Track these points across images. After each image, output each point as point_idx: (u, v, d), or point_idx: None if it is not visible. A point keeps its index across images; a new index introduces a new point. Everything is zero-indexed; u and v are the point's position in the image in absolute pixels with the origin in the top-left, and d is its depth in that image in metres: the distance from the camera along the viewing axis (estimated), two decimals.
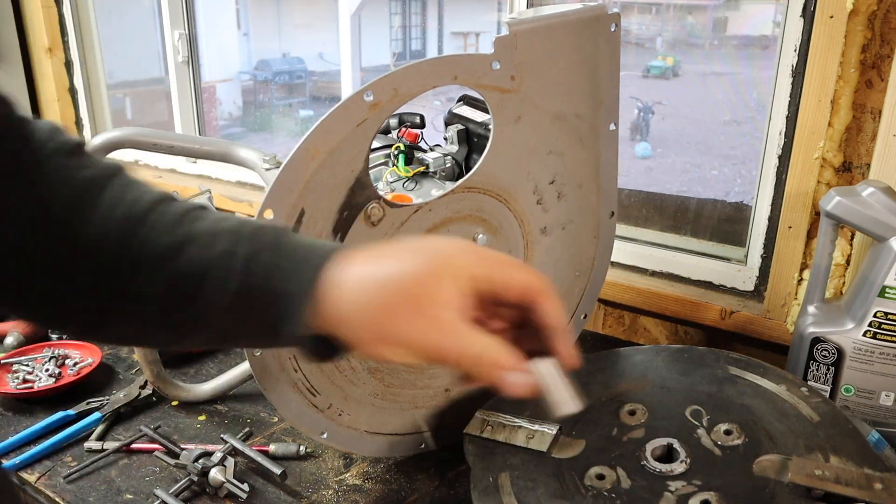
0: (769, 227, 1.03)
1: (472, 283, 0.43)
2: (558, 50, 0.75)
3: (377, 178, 0.91)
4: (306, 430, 0.76)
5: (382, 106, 0.66)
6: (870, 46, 0.87)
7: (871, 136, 0.89)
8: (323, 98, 7.96)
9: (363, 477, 0.81)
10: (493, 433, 0.72)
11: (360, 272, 0.44)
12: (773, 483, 0.61)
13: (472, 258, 0.44)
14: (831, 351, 0.85)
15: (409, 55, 9.50)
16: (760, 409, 0.70)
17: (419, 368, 0.81)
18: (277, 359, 0.71)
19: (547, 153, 0.80)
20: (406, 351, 0.43)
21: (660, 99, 6.92)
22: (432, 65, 0.68)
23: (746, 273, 1.07)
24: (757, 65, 6.42)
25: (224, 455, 0.80)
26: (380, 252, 0.45)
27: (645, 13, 5.91)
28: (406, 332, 0.42)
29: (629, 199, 1.23)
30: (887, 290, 0.80)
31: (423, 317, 0.42)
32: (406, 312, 0.42)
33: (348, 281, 0.44)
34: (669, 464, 0.64)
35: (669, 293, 1.09)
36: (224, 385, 0.95)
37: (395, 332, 0.42)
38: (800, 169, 0.93)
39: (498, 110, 0.74)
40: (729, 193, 4.80)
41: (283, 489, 0.78)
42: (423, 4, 10.34)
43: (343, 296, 0.43)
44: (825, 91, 0.88)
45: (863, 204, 0.80)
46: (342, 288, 0.43)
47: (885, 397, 0.84)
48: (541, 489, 0.64)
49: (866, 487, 0.58)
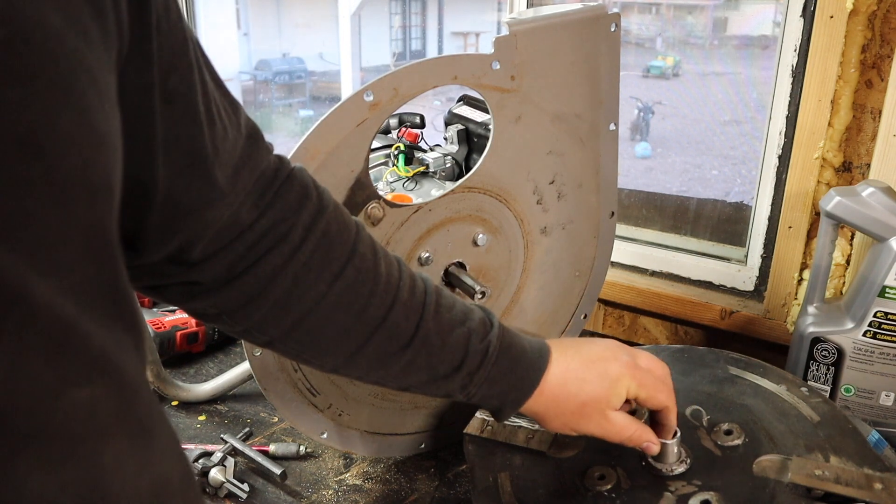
0: (769, 227, 1.03)
1: (631, 394, 0.62)
2: (558, 50, 0.75)
3: (377, 178, 0.91)
4: (306, 430, 0.76)
5: (382, 106, 0.66)
6: (870, 46, 0.87)
7: (871, 136, 0.89)
8: (323, 98, 7.97)
9: (363, 477, 0.81)
10: (493, 433, 0.72)
11: (561, 384, 0.60)
12: (773, 483, 0.61)
13: (636, 382, 0.61)
14: (831, 351, 0.85)
15: (409, 55, 9.50)
16: (760, 409, 0.70)
17: None
18: (277, 359, 0.71)
19: (547, 153, 0.80)
20: (580, 433, 0.62)
21: (660, 99, 6.92)
22: (432, 65, 0.68)
23: (746, 273, 1.07)
24: (757, 65, 6.43)
25: (224, 455, 0.81)
26: (575, 369, 0.61)
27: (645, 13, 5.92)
28: (588, 428, 0.61)
29: (629, 199, 1.23)
30: (887, 290, 0.80)
31: (601, 419, 0.61)
32: (591, 418, 0.61)
33: (553, 387, 0.60)
34: (669, 464, 0.64)
35: (669, 293, 1.09)
36: (224, 385, 0.95)
37: (579, 427, 0.61)
38: (800, 169, 0.93)
39: (498, 110, 0.74)
40: (729, 193, 4.80)
41: (283, 489, 0.78)
42: (423, 4, 10.34)
43: (545, 398, 0.60)
44: (825, 91, 0.88)
45: (863, 204, 0.80)
46: (545, 393, 0.60)
47: (885, 397, 0.84)
48: (541, 489, 0.64)
49: (866, 487, 0.58)
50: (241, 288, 0.51)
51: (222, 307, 0.52)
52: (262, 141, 0.52)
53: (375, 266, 0.55)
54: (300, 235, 0.52)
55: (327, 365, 0.57)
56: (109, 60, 0.34)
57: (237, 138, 0.48)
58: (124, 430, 0.35)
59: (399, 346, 0.56)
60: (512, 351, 0.60)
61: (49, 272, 0.30)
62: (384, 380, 0.59)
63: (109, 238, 0.34)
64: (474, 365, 0.58)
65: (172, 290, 0.52)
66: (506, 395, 0.60)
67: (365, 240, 0.56)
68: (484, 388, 0.59)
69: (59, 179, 0.30)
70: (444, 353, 0.57)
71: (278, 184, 0.52)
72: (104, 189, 0.33)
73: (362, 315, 0.54)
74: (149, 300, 1.22)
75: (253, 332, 0.54)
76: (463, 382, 0.58)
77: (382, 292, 0.55)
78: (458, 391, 0.59)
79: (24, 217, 0.29)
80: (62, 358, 0.31)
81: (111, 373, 0.34)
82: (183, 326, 1.03)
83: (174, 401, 0.95)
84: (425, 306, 0.57)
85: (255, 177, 0.50)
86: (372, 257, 0.56)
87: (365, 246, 0.56)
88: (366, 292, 0.54)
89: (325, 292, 0.53)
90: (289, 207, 0.52)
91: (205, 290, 0.51)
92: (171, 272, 0.49)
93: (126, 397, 0.35)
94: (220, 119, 0.46)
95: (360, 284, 0.54)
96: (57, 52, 0.30)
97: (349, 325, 0.54)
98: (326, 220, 0.53)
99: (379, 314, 0.55)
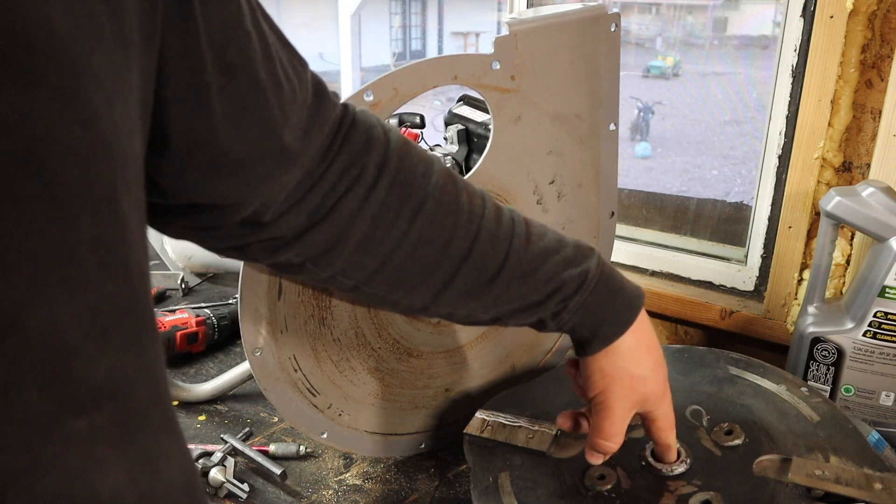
0: (769, 227, 1.03)
1: (653, 416, 0.62)
2: (558, 50, 0.75)
3: None
4: (306, 430, 0.76)
5: (382, 106, 0.66)
6: (870, 46, 0.87)
7: (871, 136, 0.89)
8: None
9: (363, 477, 0.81)
10: (493, 433, 0.72)
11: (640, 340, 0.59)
12: (773, 483, 0.61)
13: (666, 409, 0.62)
14: (831, 351, 0.85)
15: (409, 55, 9.50)
16: (760, 409, 0.70)
17: (419, 368, 0.81)
18: (277, 359, 0.71)
19: (547, 153, 0.80)
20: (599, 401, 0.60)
21: (660, 99, 6.93)
22: (432, 65, 0.68)
23: (746, 273, 1.07)
24: (757, 65, 6.43)
25: (224, 455, 0.81)
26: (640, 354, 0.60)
27: (645, 13, 5.91)
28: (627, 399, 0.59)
29: (629, 199, 1.23)
30: (887, 290, 0.80)
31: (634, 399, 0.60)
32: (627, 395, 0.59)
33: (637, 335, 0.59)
34: (669, 464, 0.64)
35: (669, 293, 1.09)
36: (224, 385, 0.95)
37: (608, 392, 0.59)
38: (800, 169, 0.93)
39: (498, 110, 0.74)
40: (729, 193, 4.80)
41: (283, 489, 0.78)
42: (423, 4, 10.34)
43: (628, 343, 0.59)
44: (825, 91, 0.88)
45: (863, 204, 0.80)
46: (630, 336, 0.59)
47: (885, 397, 0.84)
48: (541, 489, 0.64)
49: (866, 487, 0.58)
50: (320, 235, 0.51)
51: (305, 255, 0.53)
52: (328, 95, 0.51)
53: (456, 198, 0.54)
54: (373, 175, 0.51)
55: (417, 304, 0.57)
56: (128, 57, 0.33)
57: (305, 98, 0.48)
58: (125, 462, 0.32)
59: (488, 276, 0.55)
60: (612, 282, 0.58)
61: (52, 296, 0.28)
62: (475, 312, 0.58)
63: (123, 252, 0.33)
64: (570, 291, 0.56)
65: (255, 247, 0.52)
66: (599, 327, 0.58)
67: (442, 172, 0.55)
68: (577, 316, 0.58)
69: (60, 195, 0.29)
70: (536, 282, 0.56)
71: (344, 131, 0.51)
72: (107, 201, 0.31)
73: (447, 249, 0.53)
74: None
75: (338, 278, 0.54)
76: (557, 309, 0.57)
77: (466, 223, 0.54)
78: (550, 319, 0.58)
79: (22, 238, 0.27)
80: (59, 388, 0.29)
81: (118, 399, 0.32)
82: (183, 326, 1.03)
83: (174, 401, 0.95)
84: (514, 235, 0.55)
85: (324, 133, 0.50)
86: (452, 188, 0.54)
87: (443, 177, 0.54)
88: (449, 225, 0.53)
89: (406, 230, 0.52)
90: (357, 150, 0.51)
91: (286, 242, 0.51)
92: (250, 232, 0.50)
93: (131, 425, 0.33)
94: (288, 81, 0.46)
95: (441, 217, 0.53)
96: (60, 58, 0.29)
97: (435, 260, 0.54)
98: (398, 156, 0.53)
99: (464, 245, 0.54)
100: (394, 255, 0.53)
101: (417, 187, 0.53)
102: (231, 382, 0.95)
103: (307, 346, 0.73)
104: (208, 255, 1.26)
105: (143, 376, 0.34)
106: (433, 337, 0.81)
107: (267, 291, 0.69)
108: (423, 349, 0.81)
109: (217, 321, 1.07)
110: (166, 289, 1.28)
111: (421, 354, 0.81)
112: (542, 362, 0.93)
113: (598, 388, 0.59)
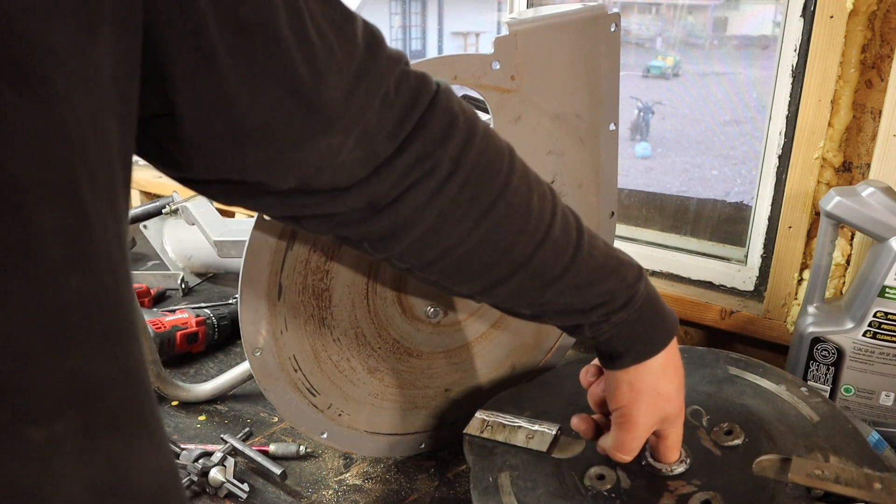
0: (769, 227, 1.03)
1: (666, 434, 0.63)
2: (558, 50, 0.75)
3: None
4: (306, 430, 0.76)
5: None
6: (870, 46, 0.87)
7: (871, 136, 0.89)
8: None
9: (363, 477, 0.81)
10: (493, 433, 0.72)
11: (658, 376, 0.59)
12: (773, 483, 0.61)
13: (678, 430, 0.63)
14: (831, 351, 0.85)
15: (409, 55, 9.49)
16: (760, 409, 0.70)
17: (419, 368, 0.81)
18: (277, 359, 0.71)
19: (547, 153, 0.80)
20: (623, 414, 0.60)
21: (660, 99, 6.93)
22: (432, 65, 0.68)
23: (746, 273, 1.07)
24: (757, 65, 6.43)
25: (224, 455, 0.81)
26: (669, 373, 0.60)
27: (645, 13, 5.91)
28: (638, 412, 0.59)
29: (629, 199, 1.23)
30: (887, 290, 0.80)
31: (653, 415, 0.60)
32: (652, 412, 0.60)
33: (666, 359, 0.60)
34: (669, 464, 0.64)
35: (669, 293, 1.09)
36: (224, 385, 0.95)
37: (634, 406, 0.59)
38: (800, 169, 0.93)
39: (498, 110, 0.74)
40: (729, 193, 4.80)
41: (283, 489, 0.78)
42: (423, 4, 10.35)
43: (656, 365, 0.59)
44: (825, 91, 0.88)
45: (863, 204, 0.80)
46: (659, 360, 0.59)
47: (885, 397, 0.84)
48: (541, 489, 0.64)
49: (866, 487, 0.58)
50: (382, 222, 0.49)
51: (364, 237, 0.51)
52: (384, 51, 0.46)
53: (528, 201, 0.52)
54: (447, 169, 0.48)
55: (465, 292, 0.56)
56: (93, 32, 0.30)
57: (352, 53, 0.43)
58: (86, 474, 0.30)
59: (543, 283, 0.54)
60: (655, 304, 0.59)
61: (5, 296, 0.26)
62: (519, 307, 0.57)
63: (87, 244, 0.30)
64: (616, 306, 0.56)
65: (311, 220, 0.50)
66: (634, 344, 0.58)
67: (518, 171, 0.52)
68: (616, 329, 0.57)
69: (10, 181, 0.26)
70: (588, 295, 0.55)
71: (419, 111, 0.47)
72: (66, 188, 0.29)
73: (509, 253, 0.52)
74: (148, 300, 1.22)
75: (393, 261, 0.53)
76: (599, 320, 0.57)
77: (532, 230, 0.52)
78: (588, 327, 0.58)
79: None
80: (15, 398, 0.27)
81: (82, 405, 0.30)
82: (183, 326, 1.03)
83: (174, 401, 0.95)
84: (577, 248, 0.54)
85: (378, 95, 0.45)
86: (525, 190, 0.52)
87: (518, 178, 0.52)
88: (515, 229, 0.51)
89: (471, 229, 0.50)
90: (433, 139, 0.47)
91: (344, 221, 0.49)
92: (304, 203, 0.47)
93: (95, 433, 0.31)
94: (321, 37, 0.41)
95: (509, 221, 0.51)
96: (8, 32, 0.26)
97: (494, 261, 0.52)
98: (477, 150, 0.49)
99: (527, 252, 0.52)
100: (454, 251, 0.51)
101: (491, 187, 0.50)
102: (231, 382, 0.95)
103: (307, 346, 0.73)
104: (208, 255, 1.27)
105: (115, 379, 0.32)
106: (433, 337, 0.81)
107: (267, 291, 0.69)
108: (423, 349, 0.81)
109: (217, 321, 1.07)
110: (166, 289, 1.28)
111: (421, 354, 0.81)
112: (542, 362, 0.93)
113: (624, 401, 0.59)
